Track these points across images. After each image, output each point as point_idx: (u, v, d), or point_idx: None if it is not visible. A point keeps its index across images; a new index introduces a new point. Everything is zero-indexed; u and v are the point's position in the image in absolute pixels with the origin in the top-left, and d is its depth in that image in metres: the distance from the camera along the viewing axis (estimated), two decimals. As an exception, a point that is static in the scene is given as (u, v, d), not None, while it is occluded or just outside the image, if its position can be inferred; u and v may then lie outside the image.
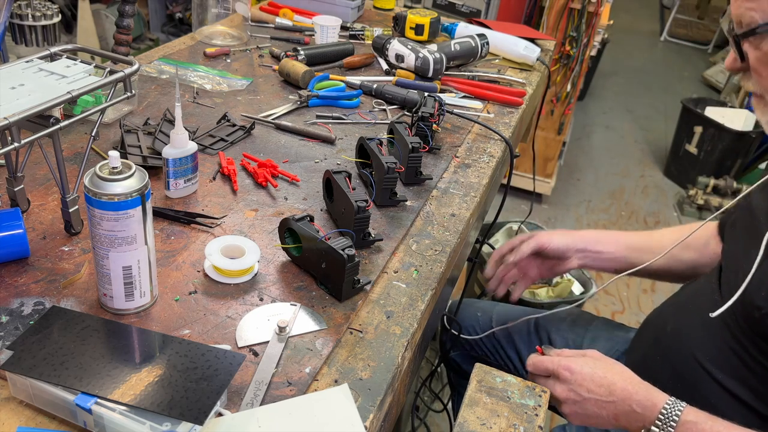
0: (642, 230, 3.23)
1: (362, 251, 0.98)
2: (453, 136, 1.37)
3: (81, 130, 1.18)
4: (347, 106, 1.42)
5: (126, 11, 1.54)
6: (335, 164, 1.21)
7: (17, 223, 0.85)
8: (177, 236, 0.96)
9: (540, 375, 1.01)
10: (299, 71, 1.45)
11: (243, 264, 0.88)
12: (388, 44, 1.61)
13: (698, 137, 3.50)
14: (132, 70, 0.91)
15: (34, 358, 0.69)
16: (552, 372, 0.98)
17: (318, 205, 1.08)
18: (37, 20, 1.42)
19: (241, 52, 1.62)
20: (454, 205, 1.14)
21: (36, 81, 0.86)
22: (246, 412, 0.71)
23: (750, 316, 0.91)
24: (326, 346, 0.81)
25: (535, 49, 1.75)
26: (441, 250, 1.02)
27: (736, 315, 0.94)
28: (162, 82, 1.41)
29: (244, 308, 0.85)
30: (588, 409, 0.95)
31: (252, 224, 1.01)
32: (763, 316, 0.89)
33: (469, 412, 0.91)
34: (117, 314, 0.81)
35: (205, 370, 0.70)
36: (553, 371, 0.98)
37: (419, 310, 0.90)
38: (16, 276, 0.84)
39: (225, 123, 1.27)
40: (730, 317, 0.94)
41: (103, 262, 0.77)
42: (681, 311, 1.09)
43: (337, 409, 0.73)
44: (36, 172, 1.05)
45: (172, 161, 1.01)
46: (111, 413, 0.65)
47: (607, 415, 0.94)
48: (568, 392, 0.96)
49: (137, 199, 0.74)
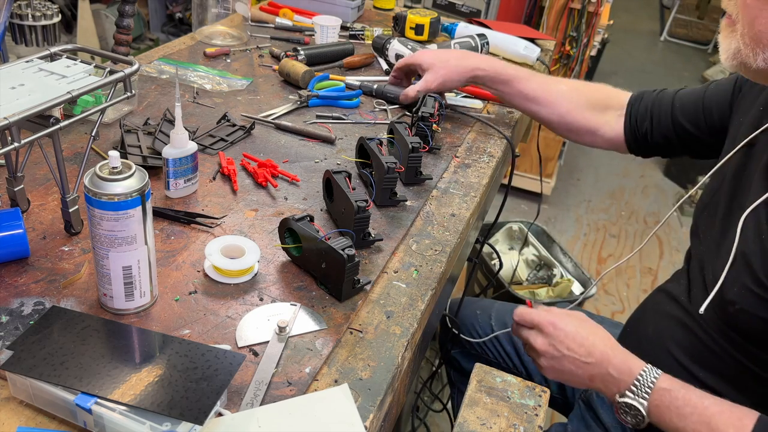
0: (642, 230, 3.24)
1: (362, 251, 0.98)
2: (453, 136, 1.37)
3: (81, 130, 1.18)
4: (347, 106, 1.42)
5: (126, 11, 1.54)
6: (335, 164, 1.21)
7: (17, 223, 0.85)
8: (177, 236, 0.96)
9: (524, 326, 1.02)
10: (299, 71, 1.45)
11: (243, 264, 0.88)
12: (388, 44, 1.61)
13: (698, 137, 3.50)
14: (132, 70, 0.91)
15: (34, 358, 0.69)
16: (536, 324, 0.99)
17: (318, 205, 1.08)
18: (37, 20, 1.42)
19: (241, 52, 1.62)
20: (454, 205, 1.14)
21: (36, 81, 0.86)
22: (246, 412, 0.71)
23: (725, 311, 0.92)
24: (326, 346, 0.81)
25: (535, 49, 1.75)
26: (441, 250, 1.02)
27: (714, 311, 0.94)
28: (162, 82, 1.41)
29: (244, 308, 0.85)
30: (564, 366, 0.96)
31: (252, 224, 1.01)
32: (737, 311, 0.89)
33: (469, 412, 0.91)
34: (117, 314, 0.81)
35: (205, 370, 0.70)
36: (537, 324, 0.99)
37: (419, 310, 0.90)
38: (16, 276, 0.84)
39: (225, 123, 1.27)
40: (707, 313, 0.95)
41: (103, 262, 0.77)
42: (658, 311, 1.10)
43: (337, 409, 0.73)
44: (36, 172, 1.05)
45: (172, 161, 1.01)
46: (111, 413, 0.65)
47: (582, 375, 0.95)
48: (548, 346, 0.97)
49: (137, 199, 0.74)
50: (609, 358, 0.93)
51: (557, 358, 0.97)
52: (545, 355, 0.98)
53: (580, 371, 0.95)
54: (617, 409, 0.92)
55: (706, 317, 0.96)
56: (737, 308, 0.89)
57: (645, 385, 0.89)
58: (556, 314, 0.99)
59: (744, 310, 0.88)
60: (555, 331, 0.97)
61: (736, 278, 0.89)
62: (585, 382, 0.96)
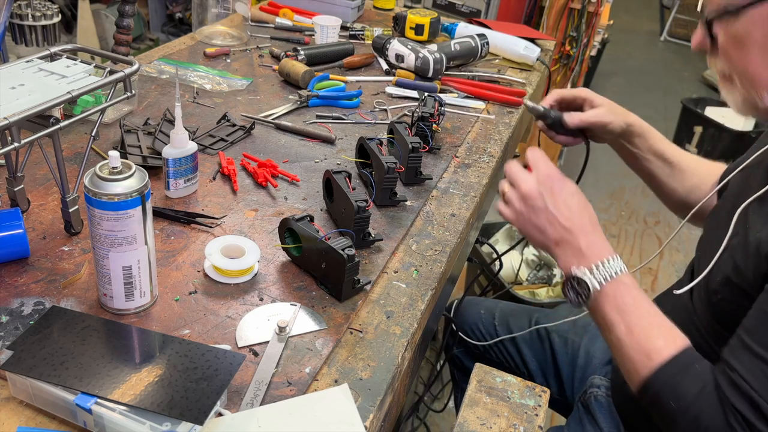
0: (642, 230, 3.24)
1: (362, 251, 0.98)
2: (453, 136, 1.37)
3: (81, 130, 1.18)
4: (347, 106, 1.42)
5: (126, 11, 1.54)
6: (335, 164, 1.21)
7: (17, 223, 0.85)
8: (177, 236, 0.96)
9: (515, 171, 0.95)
10: (299, 71, 1.45)
11: (243, 264, 0.88)
12: (388, 44, 1.61)
13: (698, 137, 3.51)
14: (132, 70, 0.91)
15: (34, 358, 0.69)
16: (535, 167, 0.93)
17: (318, 205, 1.08)
18: (37, 20, 1.42)
19: (241, 52, 1.62)
20: (454, 205, 1.15)
21: (36, 81, 0.86)
22: (246, 412, 0.71)
23: (709, 301, 0.92)
24: (326, 346, 0.81)
25: (535, 49, 1.75)
26: (441, 250, 1.02)
27: (702, 303, 0.94)
28: (162, 82, 1.41)
29: (244, 308, 0.85)
30: (538, 220, 0.91)
31: (252, 224, 1.01)
32: (719, 300, 0.89)
33: (469, 412, 0.91)
34: (117, 314, 0.81)
35: (205, 370, 0.70)
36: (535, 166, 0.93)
37: (419, 310, 0.90)
38: (16, 276, 0.84)
39: (225, 123, 1.27)
40: (697, 303, 0.94)
41: (103, 262, 0.77)
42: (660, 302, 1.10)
43: (337, 409, 0.73)
44: (36, 172, 1.05)
45: (172, 161, 1.01)
46: (111, 413, 0.65)
47: (551, 235, 0.91)
48: (535, 192, 0.91)
49: (137, 199, 0.74)
50: (587, 233, 0.89)
51: (536, 209, 0.91)
52: (526, 198, 0.92)
53: (551, 231, 0.90)
54: (566, 281, 0.88)
55: (696, 307, 0.96)
56: (719, 298, 0.89)
57: (607, 271, 0.86)
58: (558, 174, 0.94)
59: (725, 300, 0.88)
60: (549, 182, 0.91)
61: (720, 268, 0.89)
62: (548, 244, 0.92)
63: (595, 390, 1.15)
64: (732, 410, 0.75)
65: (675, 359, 0.81)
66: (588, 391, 1.16)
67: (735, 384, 0.76)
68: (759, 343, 0.76)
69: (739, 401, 0.75)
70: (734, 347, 0.79)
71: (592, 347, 1.27)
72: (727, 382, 0.77)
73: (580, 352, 1.28)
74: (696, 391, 0.79)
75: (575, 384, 1.27)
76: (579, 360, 1.28)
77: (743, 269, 0.84)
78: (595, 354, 1.26)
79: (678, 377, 0.80)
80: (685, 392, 0.79)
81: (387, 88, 1.52)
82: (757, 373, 0.75)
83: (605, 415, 1.11)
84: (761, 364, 0.75)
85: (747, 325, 0.79)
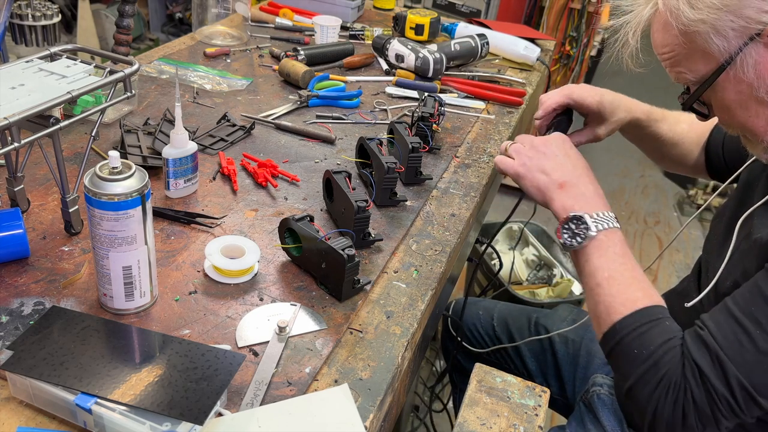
0: (642, 230, 3.24)
1: (362, 251, 0.98)
2: (453, 136, 1.37)
3: (81, 130, 1.18)
4: (347, 106, 1.42)
5: (126, 11, 1.54)
6: (335, 164, 1.21)
7: (17, 223, 0.85)
8: (177, 236, 0.96)
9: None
10: (299, 71, 1.45)
11: (243, 264, 0.88)
12: (388, 44, 1.61)
13: (698, 137, 3.50)
14: (132, 70, 0.91)
15: (34, 358, 0.69)
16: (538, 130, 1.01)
17: (318, 205, 1.08)
18: (37, 20, 1.42)
19: (241, 52, 1.62)
20: (454, 205, 1.15)
21: (36, 81, 0.86)
22: (246, 412, 0.71)
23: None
24: (326, 346, 0.81)
25: (535, 49, 1.75)
26: (441, 250, 1.02)
27: (711, 305, 0.94)
28: (162, 82, 1.41)
29: (244, 308, 0.85)
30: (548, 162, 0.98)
31: (252, 224, 1.01)
32: None
33: (469, 412, 0.91)
34: (117, 314, 0.81)
35: (205, 370, 0.70)
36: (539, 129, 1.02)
37: (419, 310, 0.90)
38: (16, 276, 0.84)
39: (225, 123, 1.27)
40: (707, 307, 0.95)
41: (103, 262, 0.77)
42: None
43: (337, 409, 0.73)
44: (36, 172, 1.05)
45: (172, 161, 1.01)
46: (111, 413, 0.65)
47: (557, 177, 0.96)
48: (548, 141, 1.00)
49: (137, 199, 0.74)
50: (593, 184, 0.95)
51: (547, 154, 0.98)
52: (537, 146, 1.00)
53: (558, 173, 0.96)
54: (564, 221, 0.92)
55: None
56: None
57: (606, 220, 0.91)
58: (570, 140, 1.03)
59: None
60: (561, 140, 1.00)
61: (731, 272, 0.91)
62: (550, 187, 0.96)
63: (598, 388, 1.15)
64: (691, 363, 0.78)
65: (648, 309, 0.84)
66: (590, 390, 1.16)
67: (702, 339, 0.79)
68: (741, 310, 0.78)
69: (701, 356, 0.78)
70: (714, 311, 0.82)
71: (594, 346, 1.27)
72: (694, 337, 0.80)
73: (581, 352, 1.28)
74: (661, 342, 0.81)
75: (576, 383, 1.27)
76: (580, 359, 1.28)
77: (751, 274, 0.85)
78: (596, 353, 1.26)
79: (646, 326, 0.83)
80: (650, 341, 0.82)
81: (387, 88, 1.52)
82: (728, 334, 0.77)
83: (608, 413, 1.11)
84: (736, 327, 0.77)
85: (735, 294, 0.81)
